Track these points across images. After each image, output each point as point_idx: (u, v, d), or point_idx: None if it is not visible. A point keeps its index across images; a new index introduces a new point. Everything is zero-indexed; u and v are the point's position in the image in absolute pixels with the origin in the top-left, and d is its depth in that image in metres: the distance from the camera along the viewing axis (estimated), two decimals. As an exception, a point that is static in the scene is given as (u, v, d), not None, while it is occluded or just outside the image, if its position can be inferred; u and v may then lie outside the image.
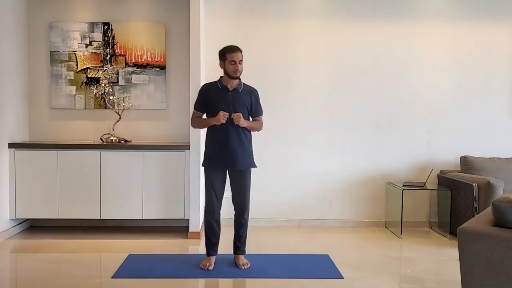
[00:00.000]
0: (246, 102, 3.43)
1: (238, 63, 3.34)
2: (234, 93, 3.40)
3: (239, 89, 3.42)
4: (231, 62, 3.33)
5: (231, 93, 3.39)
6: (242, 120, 3.33)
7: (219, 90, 3.42)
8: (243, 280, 3.29)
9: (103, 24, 4.67)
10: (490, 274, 2.15)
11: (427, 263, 3.74)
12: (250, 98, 3.46)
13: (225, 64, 3.36)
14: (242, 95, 3.42)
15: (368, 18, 4.79)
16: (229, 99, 3.38)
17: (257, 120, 3.55)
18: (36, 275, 3.29)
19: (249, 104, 3.45)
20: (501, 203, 2.21)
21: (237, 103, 3.38)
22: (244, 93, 3.44)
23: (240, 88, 3.43)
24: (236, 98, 3.39)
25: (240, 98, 3.40)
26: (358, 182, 4.88)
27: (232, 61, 3.33)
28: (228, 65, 3.35)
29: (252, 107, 3.48)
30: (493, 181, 4.12)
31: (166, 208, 4.34)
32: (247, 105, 3.44)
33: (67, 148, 4.31)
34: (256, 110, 3.52)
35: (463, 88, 4.89)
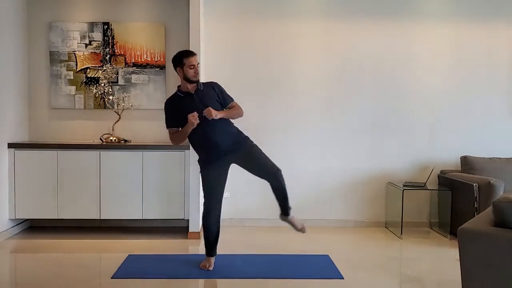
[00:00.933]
0: (213, 97, 3.43)
1: (197, 67, 3.35)
2: (198, 94, 3.39)
3: (201, 88, 3.42)
4: (190, 67, 3.32)
5: (195, 95, 3.38)
6: (214, 112, 3.27)
7: (183, 98, 3.40)
8: (243, 280, 3.29)
9: (102, 24, 4.67)
10: (490, 274, 2.15)
11: (427, 263, 3.74)
12: (214, 91, 3.46)
13: (184, 69, 3.33)
14: (207, 92, 3.42)
15: (368, 18, 4.79)
16: (196, 101, 3.36)
17: (232, 106, 3.53)
18: (36, 275, 3.29)
19: (217, 97, 3.45)
20: (501, 203, 2.20)
21: (205, 101, 3.36)
22: (206, 90, 3.44)
23: (201, 86, 3.43)
24: (202, 97, 3.38)
25: (206, 95, 3.40)
26: (358, 182, 4.88)
27: (191, 66, 3.32)
28: (187, 70, 3.32)
29: (220, 98, 3.47)
30: (494, 181, 4.11)
31: (166, 208, 4.33)
32: (216, 99, 3.43)
33: (66, 148, 4.31)
34: (226, 100, 3.50)
35: (463, 88, 4.89)
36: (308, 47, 4.81)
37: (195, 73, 3.34)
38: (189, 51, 3.41)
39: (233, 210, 4.76)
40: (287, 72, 4.81)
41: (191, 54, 3.37)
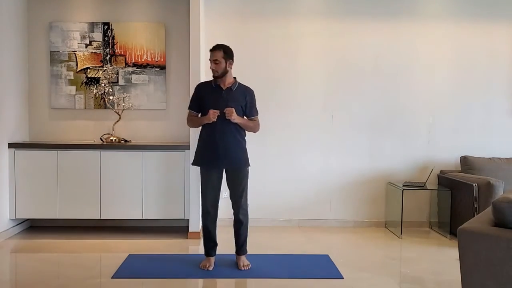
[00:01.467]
0: (240, 101, 3.41)
1: (213, 62, 3.34)
2: (227, 92, 3.39)
3: (233, 88, 3.41)
4: (210, 61, 3.38)
5: (225, 92, 3.39)
6: (234, 115, 3.30)
7: (213, 89, 3.42)
8: (243, 280, 3.29)
9: (103, 24, 4.67)
10: (490, 274, 2.15)
11: (427, 263, 3.74)
12: (244, 98, 3.43)
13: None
14: (236, 94, 3.41)
15: (368, 18, 4.79)
16: (222, 97, 3.37)
17: (253, 120, 3.51)
18: (36, 275, 3.29)
19: (243, 104, 3.42)
20: (501, 203, 2.20)
21: (230, 102, 3.36)
22: (238, 92, 3.42)
23: (234, 87, 3.42)
24: (229, 97, 3.38)
25: (233, 97, 3.39)
26: (358, 182, 4.88)
27: (209, 60, 3.39)
28: (210, 62, 3.39)
29: (247, 107, 3.45)
30: (493, 181, 4.12)
31: (166, 208, 4.34)
32: (241, 105, 3.41)
33: (67, 148, 4.31)
34: (251, 111, 3.48)
35: (463, 88, 4.89)
36: (308, 47, 4.81)
37: (212, 68, 3.36)
38: (214, 46, 3.41)
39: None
40: (287, 72, 4.81)
41: (211, 49, 3.39)
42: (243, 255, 3.53)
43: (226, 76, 3.41)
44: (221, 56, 3.35)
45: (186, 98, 4.60)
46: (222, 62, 3.35)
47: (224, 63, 3.36)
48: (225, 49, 3.38)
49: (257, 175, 4.59)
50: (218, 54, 3.35)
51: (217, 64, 3.34)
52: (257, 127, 3.54)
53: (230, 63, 3.40)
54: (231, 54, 3.42)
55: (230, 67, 3.42)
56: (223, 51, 3.36)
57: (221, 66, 3.35)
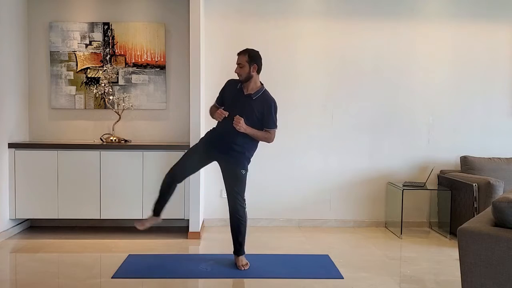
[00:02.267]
0: (256, 110, 3.38)
1: (238, 66, 3.36)
2: (246, 98, 3.38)
3: (253, 97, 3.38)
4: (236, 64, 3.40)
5: (244, 98, 3.38)
6: (241, 125, 3.28)
7: (237, 90, 3.44)
8: (243, 280, 3.29)
9: (103, 24, 4.67)
10: (490, 274, 2.15)
11: (427, 263, 3.74)
12: (262, 108, 3.39)
13: None
14: (254, 103, 3.38)
15: (368, 18, 4.79)
16: (239, 102, 3.38)
17: (268, 131, 3.46)
18: (36, 275, 3.29)
19: (259, 113, 3.39)
20: (501, 203, 2.20)
21: (246, 108, 3.35)
22: (257, 101, 3.39)
23: (255, 95, 3.39)
24: (246, 103, 3.37)
25: (250, 105, 3.37)
26: (358, 182, 4.88)
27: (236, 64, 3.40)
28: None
29: (264, 118, 3.41)
30: (493, 181, 4.12)
31: (166, 208, 4.31)
32: (257, 114, 3.38)
33: (67, 148, 4.31)
34: (267, 122, 3.43)
35: (463, 88, 4.89)
36: (308, 47, 4.81)
37: (237, 72, 3.38)
38: (242, 50, 3.42)
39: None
40: (287, 72, 4.81)
41: (238, 53, 3.41)
42: (241, 255, 3.53)
43: (251, 81, 3.39)
44: (245, 60, 3.34)
45: (186, 98, 4.61)
46: (246, 66, 3.34)
47: (248, 67, 3.35)
48: (250, 53, 3.37)
49: (258, 175, 4.59)
50: (243, 58, 3.35)
51: (241, 68, 3.35)
52: (270, 139, 3.49)
53: (254, 68, 3.37)
54: (256, 58, 3.39)
55: (255, 71, 3.39)
56: (248, 55, 3.36)
57: (245, 70, 3.35)
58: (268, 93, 3.47)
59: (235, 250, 3.54)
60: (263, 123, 3.43)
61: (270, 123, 3.45)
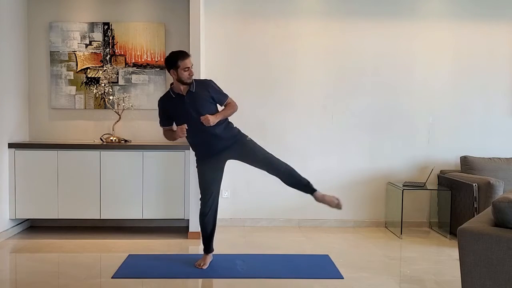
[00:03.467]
0: (206, 97, 3.34)
1: (190, 69, 3.27)
2: (189, 96, 3.32)
3: (193, 89, 3.32)
4: (184, 69, 3.24)
5: (187, 97, 3.31)
6: (211, 119, 3.24)
7: (175, 99, 3.34)
8: (243, 280, 3.29)
9: (103, 24, 4.67)
10: (490, 274, 2.15)
11: (427, 263, 3.74)
12: (208, 91, 3.36)
13: (178, 71, 3.24)
14: (199, 93, 3.33)
15: (368, 18, 4.79)
16: (186, 104, 3.30)
17: (228, 103, 3.45)
18: (36, 275, 3.29)
19: (210, 98, 3.36)
20: (501, 203, 2.20)
21: (197, 103, 3.30)
22: (199, 90, 3.34)
23: (193, 87, 3.32)
24: (194, 99, 3.31)
25: (198, 97, 3.31)
26: (358, 182, 4.88)
27: (186, 68, 3.24)
28: (181, 72, 3.24)
29: (215, 98, 3.39)
30: (493, 181, 4.12)
31: (166, 208, 4.34)
32: (209, 100, 3.35)
33: (67, 148, 4.31)
34: (220, 99, 3.42)
35: (463, 88, 4.89)
36: (308, 47, 4.81)
37: (190, 75, 3.27)
38: (183, 53, 3.30)
39: (233, 210, 4.76)
40: (287, 72, 4.81)
41: (186, 56, 3.27)
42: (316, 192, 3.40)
43: None
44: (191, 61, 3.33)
45: (186, 98, 4.61)
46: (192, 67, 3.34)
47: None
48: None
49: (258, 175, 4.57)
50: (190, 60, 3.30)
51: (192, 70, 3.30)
52: (234, 107, 3.46)
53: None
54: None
55: None
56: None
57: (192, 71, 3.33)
58: (199, 79, 3.47)
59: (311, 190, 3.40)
60: (218, 101, 3.42)
61: (222, 97, 3.44)
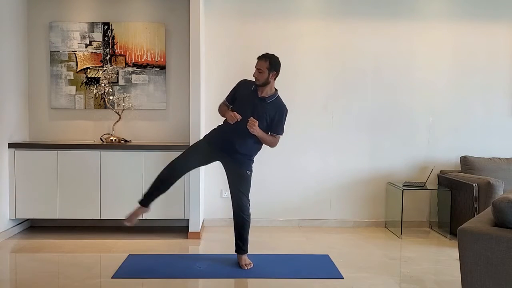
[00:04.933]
0: (268, 115, 3.37)
1: (257, 71, 3.32)
2: (260, 101, 3.37)
3: (267, 100, 3.37)
4: (256, 68, 3.35)
5: (258, 100, 3.36)
6: (256, 127, 3.26)
7: (251, 91, 3.41)
8: (243, 280, 3.29)
9: (103, 24, 4.67)
10: (490, 274, 2.15)
11: (427, 263, 3.74)
12: (274, 113, 3.38)
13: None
14: (267, 107, 3.37)
15: (368, 18, 4.79)
16: (253, 104, 3.36)
17: (274, 136, 3.47)
18: (36, 275, 3.29)
19: (270, 119, 3.38)
20: (501, 203, 2.20)
21: (258, 111, 3.34)
22: (270, 106, 3.38)
23: (269, 100, 3.38)
24: (259, 106, 3.35)
25: (263, 109, 3.35)
26: (358, 182, 4.88)
27: (256, 68, 3.35)
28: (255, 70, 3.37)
29: (273, 123, 3.40)
30: (493, 181, 4.12)
31: (166, 208, 4.33)
32: (267, 119, 3.37)
33: (67, 148, 4.31)
34: (276, 128, 3.43)
35: (463, 88, 4.89)
36: (308, 47, 4.81)
37: (255, 76, 3.34)
38: (262, 55, 3.38)
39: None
40: (287, 72, 4.79)
41: (259, 58, 3.37)
42: (244, 254, 3.53)
43: (267, 86, 3.38)
44: (266, 67, 3.32)
45: (186, 98, 4.62)
46: (265, 73, 3.33)
47: (267, 74, 3.33)
48: (271, 61, 3.35)
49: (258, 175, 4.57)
50: (263, 64, 3.32)
51: (260, 73, 3.32)
52: (274, 143, 3.49)
53: (273, 75, 3.37)
54: (277, 65, 3.38)
55: (273, 78, 3.38)
56: (269, 62, 3.33)
57: (264, 76, 3.33)
58: (281, 100, 3.46)
59: (238, 249, 3.54)
60: (272, 128, 3.42)
61: (279, 129, 3.45)
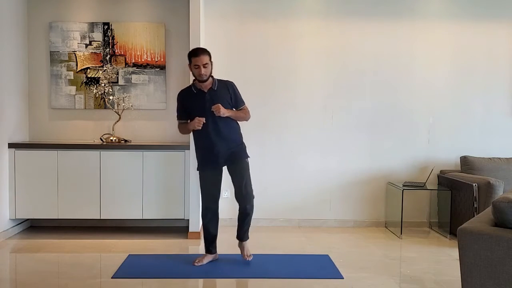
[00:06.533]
0: (225, 97, 3.42)
1: (202, 67, 3.30)
2: (210, 93, 3.40)
3: (214, 87, 3.41)
4: (194, 67, 3.32)
5: (208, 94, 3.39)
6: (222, 109, 3.30)
7: (195, 94, 3.42)
8: (243, 280, 3.30)
9: (103, 24, 4.67)
10: (490, 274, 2.15)
11: (427, 263, 3.74)
12: (228, 92, 3.45)
13: (191, 67, 3.36)
14: (219, 92, 3.42)
15: (368, 18, 4.79)
16: (207, 100, 3.37)
17: (242, 109, 3.54)
18: (36, 275, 3.29)
19: (229, 99, 3.45)
20: (501, 203, 2.20)
21: (217, 101, 3.36)
22: (220, 90, 3.43)
23: (215, 86, 3.42)
24: (214, 97, 3.38)
25: (218, 96, 3.40)
26: (358, 182, 4.88)
27: (195, 65, 3.31)
28: (193, 69, 3.35)
29: (232, 100, 3.47)
30: (493, 181, 4.12)
31: (166, 208, 4.34)
32: (228, 100, 3.43)
33: (67, 148, 4.31)
34: (237, 102, 3.51)
35: (463, 88, 4.89)
36: (308, 47, 4.80)
37: (199, 73, 3.32)
38: (197, 50, 3.36)
39: (233, 210, 4.74)
40: (287, 72, 4.81)
41: (198, 54, 3.32)
42: (245, 241, 3.57)
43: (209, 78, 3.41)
44: (209, 59, 3.35)
45: (186, 98, 4.61)
46: (210, 65, 3.36)
47: (211, 66, 3.37)
48: (209, 52, 3.38)
49: (257, 175, 4.58)
50: (206, 57, 3.33)
51: (206, 68, 3.33)
52: (247, 114, 3.57)
53: (212, 64, 3.42)
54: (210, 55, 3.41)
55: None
56: (208, 54, 3.36)
57: (209, 69, 3.36)
58: (222, 79, 3.51)
59: (241, 236, 3.57)
60: (234, 105, 3.49)
61: (239, 101, 3.53)
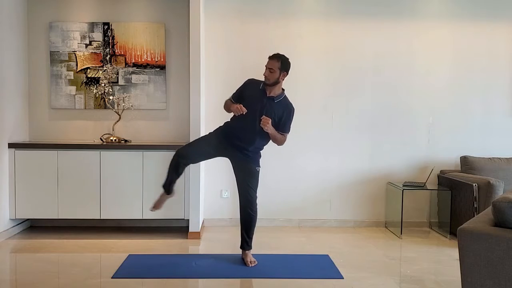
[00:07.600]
0: (276, 114, 3.40)
1: (269, 70, 3.34)
2: (269, 100, 3.39)
3: (276, 99, 3.40)
4: (266, 67, 3.37)
5: (266, 99, 3.39)
6: (269, 125, 3.31)
7: (259, 90, 3.42)
8: (243, 280, 3.29)
9: (103, 24, 4.67)
10: (490, 274, 2.15)
11: (427, 263, 3.74)
12: (282, 112, 3.42)
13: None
14: (276, 106, 3.40)
15: (368, 18, 4.79)
16: (261, 103, 3.38)
17: (282, 135, 3.50)
18: (36, 275, 3.29)
19: (278, 118, 3.41)
20: (501, 203, 2.21)
21: (266, 110, 3.36)
22: (278, 105, 3.41)
23: (278, 99, 3.41)
24: (268, 105, 3.38)
25: (271, 108, 3.38)
26: (358, 182, 4.88)
27: (266, 66, 3.37)
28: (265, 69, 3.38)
29: (281, 122, 3.44)
30: (493, 181, 4.12)
31: (166, 208, 4.29)
32: (276, 118, 3.40)
33: (67, 148, 4.31)
34: (284, 126, 3.47)
35: (463, 88, 4.89)
36: (308, 47, 4.81)
37: (264, 74, 3.35)
38: (274, 54, 3.39)
39: (233, 210, 4.75)
40: (287, 72, 4.81)
41: (270, 57, 3.38)
42: (249, 250, 3.55)
43: (276, 86, 3.40)
44: (277, 67, 3.34)
45: (186, 98, 4.61)
46: (276, 72, 3.34)
47: (278, 74, 3.35)
48: (283, 61, 3.37)
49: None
50: (275, 63, 3.34)
51: (271, 73, 3.34)
52: (283, 141, 3.54)
53: (284, 75, 3.39)
54: (287, 66, 3.40)
55: (283, 78, 3.40)
56: (281, 62, 3.35)
57: (275, 75, 3.35)
58: (288, 99, 3.49)
59: (243, 245, 3.56)
60: (279, 127, 3.45)
61: (286, 128, 3.49)
